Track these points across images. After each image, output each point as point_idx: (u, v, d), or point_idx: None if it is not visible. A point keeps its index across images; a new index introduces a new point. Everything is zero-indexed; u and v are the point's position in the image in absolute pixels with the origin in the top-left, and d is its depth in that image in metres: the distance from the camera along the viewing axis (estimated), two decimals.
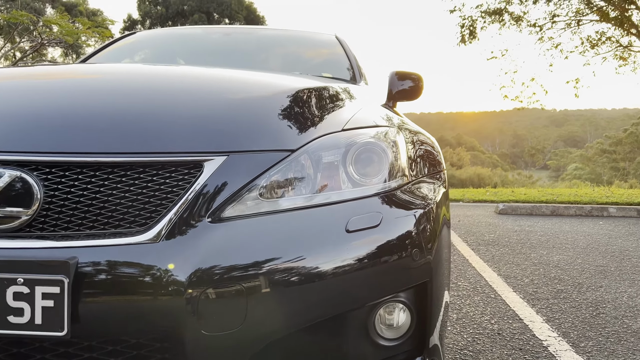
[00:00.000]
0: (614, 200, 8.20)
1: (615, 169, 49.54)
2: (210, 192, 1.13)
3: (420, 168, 1.56)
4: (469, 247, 4.69)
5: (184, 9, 28.22)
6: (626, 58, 12.13)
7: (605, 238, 5.23)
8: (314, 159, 1.26)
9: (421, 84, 2.85)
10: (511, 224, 6.09)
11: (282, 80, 1.94)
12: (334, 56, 3.13)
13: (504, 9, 11.77)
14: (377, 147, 1.35)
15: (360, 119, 1.49)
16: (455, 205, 7.88)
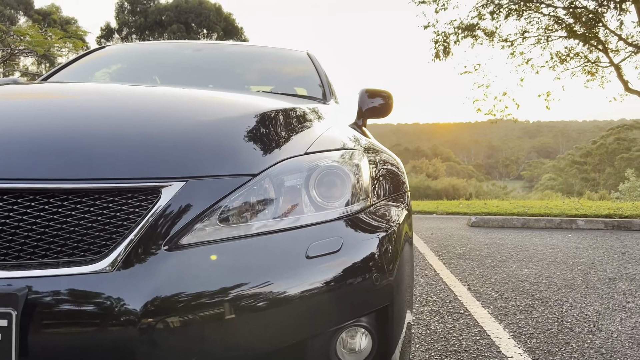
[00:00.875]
0: (582, 212, 8.39)
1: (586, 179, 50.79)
2: (168, 219, 1.11)
3: (384, 190, 1.57)
4: (441, 260, 4.73)
5: (163, 19, 28.07)
6: (594, 73, 12.52)
7: (573, 251, 5.34)
8: (276, 183, 1.25)
9: (391, 102, 2.88)
10: (483, 236, 6.18)
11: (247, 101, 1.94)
12: (304, 73, 3.14)
13: (477, 25, 12.03)
14: (339, 171, 1.35)
15: (324, 141, 1.49)
16: (429, 218, 7.95)
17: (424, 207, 8.87)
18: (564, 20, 11.68)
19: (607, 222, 7.10)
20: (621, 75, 11.74)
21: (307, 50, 3.40)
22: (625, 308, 3.31)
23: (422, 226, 6.99)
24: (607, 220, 7.19)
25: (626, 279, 4.13)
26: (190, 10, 27.88)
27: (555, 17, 11.80)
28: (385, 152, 1.90)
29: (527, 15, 11.88)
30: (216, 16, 28.30)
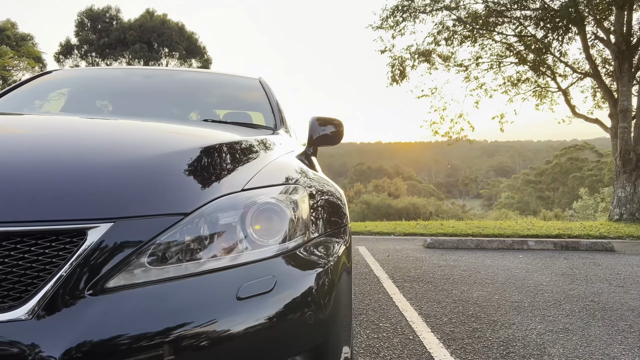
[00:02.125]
0: (534, 232, 8.68)
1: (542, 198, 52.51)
2: (93, 262, 1.09)
3: (324, 224, 1.57)
4: (395, 284, 4.78)
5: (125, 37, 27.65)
6: (544, 97, 13.09)
7: (522, 272, 5.50)
8: (210, 221, 1.24)
9: (341, 129, 2.92)
10: (437, 258, 6.28)
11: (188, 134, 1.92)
12: (255, 101, 3.14)
13: (433, 50, 12.42)
14: (277, 208, 1.35)
15: (265, 176, 1.49)
16: (386, 239, 8.04)
17: (382, 229, 8.96)
18: (514, 47, 12.21)
19: (556, 243, 7.35)
20: (568, 100, 12.32)
21: (260, 77, 3.41)
22: (567, 330, 3.42)
23: (379, 248, 7.05)
24: (556, 241, 7.45)
25: (570, 300, 4.27)
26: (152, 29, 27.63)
27: (507, 44, 12.33)
28: (328, 183, 1.92)
29: (481, 41, 12.37)
30: (178, 36, 28.12)
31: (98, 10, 27.71)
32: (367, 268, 5.53)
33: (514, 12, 11.72)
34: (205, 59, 29.85)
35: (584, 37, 11.20)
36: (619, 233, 8.96)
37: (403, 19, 12.08)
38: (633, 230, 9.19)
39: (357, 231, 8.79)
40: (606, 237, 8.51)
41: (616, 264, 6.15)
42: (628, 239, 8.62)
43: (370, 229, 8.92)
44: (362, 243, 7.45)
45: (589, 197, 31.92)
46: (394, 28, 12.20)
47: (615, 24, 10.73)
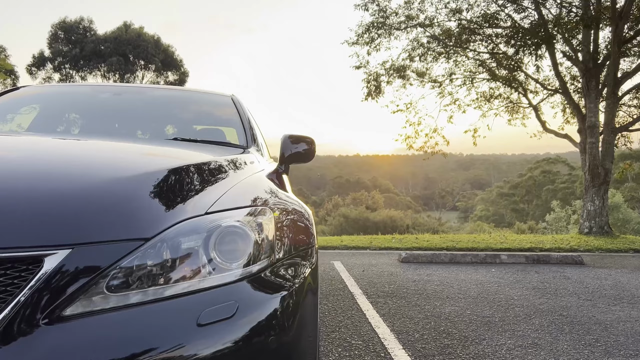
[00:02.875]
0: (507, 245, 8.81)
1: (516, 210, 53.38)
2: (50, 290, 1.07)
3: (289, 246, 1.57)
4: (369, 299, 4.79)
5: (101, 49, 27.33)
6: (516, 112, 13.40)
7: (494, 286, 5.57)
8: (172, 246, 1.22)
9: (313, 147, 2.94)
10: (411, 273, 6.32)
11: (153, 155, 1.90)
12: (227, 118, 3.13)
13: (407, 66, 12.63)
14: (240, 231, 1.34)
15: (230, 198, 1.48)
16: (362, 254, 8.06)
17: (359, 243, 8.99)
18: (487, 64, 12.49)
19: (528, 256, 7.48)
20: (539, 116, 12.62)
21: (233, 94, 3.41)
22: (536, 345, 3.48)
23: (355, 263, 7.07)
24: (528, 255, 7.58)
25: (540, 315, 4.34)
26: (128, 41, 27.41)
27: (480, 61, 12.61)
28: (296, 203, 1.92)
29: (454, 58, 12.62)
30: (155, 48, 27.95)
31: (71, 22, 27.39)
32: (342, 284, 5.54)
33: (486, 30, 12.01)
34: (182, 71, 29.71)
35: (553, 55, 11.53)
36: (589, 246, 9.17)
37: (378, 35, 12.28)
38: (602, 244, 9.41)
39: (333, 245, 8.80)
40: (576, 251, 8.70)
41: (585, 277, 6.28)
42: (597, 252, 8.82)
43: (346, 244, 8.94)
44: (338, 258, 7.45)
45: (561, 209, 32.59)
46: (369, 44, 12.39)
47: (583, 43, 11.08)
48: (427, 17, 12.38)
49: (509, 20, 11.88)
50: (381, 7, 12.22)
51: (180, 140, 2.57)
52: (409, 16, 12.31)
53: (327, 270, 6.35)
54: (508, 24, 11.85)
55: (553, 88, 12.68)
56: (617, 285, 5.76)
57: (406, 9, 12.36)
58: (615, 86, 11.12)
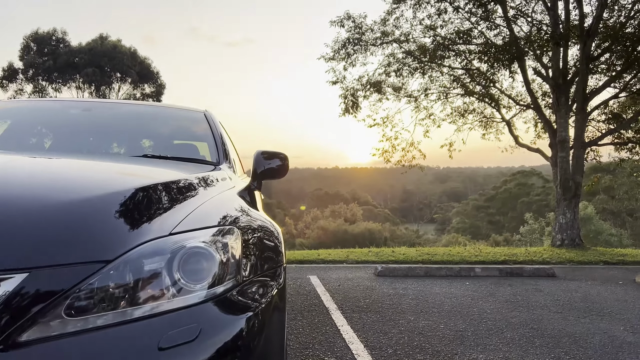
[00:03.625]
0: (481, 258, 8.92)
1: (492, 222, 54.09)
2: (6, 315, 1.05)
3: (257, 266, 1.56)
4: (343, 315, 4.79)
5: (75, 61, 26.94)
6: (489, 127, 13.67)
7: (468, 300, 5.63)
8: (134, 268, 1.21)
9: (287, 163, 2.95)
10: (387, 287, 6.35)
11: (120, 173, 1.89)
12: (199, 135, 3.12)
13: (383, 81, 12.80)
14: (205, 252, 1.32)
15: (197, 218, 1.46)
16: (339, 268, 8.06)
17: (335, 256, 8.99)
18: (461, 79, 12.75)
19: (501, 269, 7.58)
20: (512, 130, 12.90)
21: (205, 110, 3.39)
22: (507, 359, 3.52)
23: (331, 277, 7.06)
24: (501, 267, 7.68)
25: (512, 328, 4.40)
26: (104, 53, 27.11)
27: (454, 77, 12.86)
28: (266, 221, 1.92)
29: (429, 73, 12.85)
30: (131, 60, 27.71)
31: (43, 34, 27.01)
32: (317, 299, 5.53)
33: (459, 46, 12.27)
34: (159, 84, 29.49)
35: (524, 72, 11.83)
36: (561, 258, 9.34)
37: (354, 51, 12.45)
38: (573, 256, 9.60)
39: (310, 259, 8.78)
40: (549, 263, 8.86)
41: (557, 289, 6.40)
42: (569, 264, 9.00)
43: (323, 257, 8.93)
44: (315, 272, 7.44)
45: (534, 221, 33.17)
46: (346, 60, 12.55)
47: (553, 60, 11.40)
48: (403, 33, 12.61)
49: (482, 37, 12.17)
50: (357, 23, 12.41)
51: (149, 157, 2.55)
52: (384, 32, 12.51)
53: (302, 285, 6.34)
54: (481, 40, 12.14)
55: (525, 103, 12.99)
56: (586, 298, 5.88)
57: (382, 25, 12.56)
58: (584, 102, 11.45)
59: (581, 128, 11.45)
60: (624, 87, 12.10)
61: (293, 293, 5.83)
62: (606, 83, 11.85)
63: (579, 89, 11.33)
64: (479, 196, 60.82)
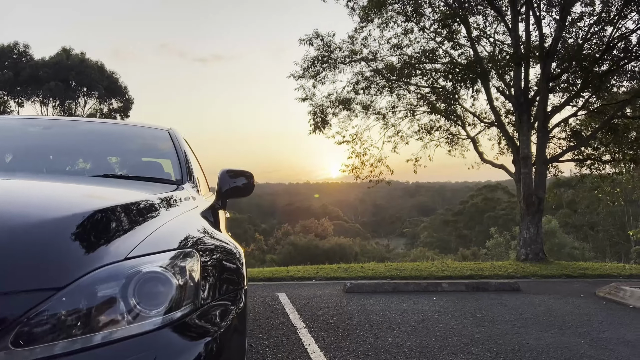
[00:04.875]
0: (448, 273, 9.04)
1: (460, 236, 54.89)
2: None
3: (216, 289, 1.54)
4: (311, 333, 4.77)
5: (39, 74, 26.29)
6: (455, 143, 13.98)
7: (435, 315, 5.69)
8: (87, 295, 1.18)
9: (253, 181, 2.94)
10: (355, 303, 6.36)
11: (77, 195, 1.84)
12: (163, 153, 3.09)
13: (352, 99, 12.98)
14: (162, 277, 1.30)
15: (155, 241, 1.44)
16: (308, 285, 8.04)
17: (304, 273, 8.96)
18: (427, 97, 13.04)
19: (467, 284, 7.70)
20: (477, 147, 13.22)
21: (170, 128, 3.35)
22: None
23: (300, 294, 7.03)
24: (467, 282, 7.80)
25: (476, 344, 4.47)
26: (71, 67, 26.60)
27: (421, 95, 13.14)
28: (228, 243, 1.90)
29: (397, 91, 13.09)
30: (98, 74, 27.27)
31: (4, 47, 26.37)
32: (285, 317, 5.49)
33: (425, 65, 12.57)
34: (127, 98, 29.08)
35: (488, 90, 12.18)
36: (525, 272, 9.56)
37: (323, 69, 12.60)
38: (537, 270, 9.83)
39: (279, 277, 8.73)
40: (513, 277, 9.04)
41: (521, 304, 6.53)
42: (533, 278, 9.21)
43: (292, 274, 8.89)
44: (283, 290, 7.39)
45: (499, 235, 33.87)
46: (315, 77, 12.69)
47: (515, 79, 11.78)
48: (371, 51, 12.84)
49: (447, 57, 12.50)
50: (325, 42, 12.58)
51: (110, 177, 2.51)
52: (352, 51, 12.72)
53: (271, 303, 6.29)
54: (446, 60, 12.46)
55: (489, 121, 13.35)
56: (549, 312, 6.02)
57: (350, 43, 12.78)
58: (545, 120, 11.85)
59: (543, 145, 11.82)
60: (583, 105, 12.58)
61: (261, 312, 5.78)
62: (566, 101, 12.30)
63: (540, 107, 11.72)
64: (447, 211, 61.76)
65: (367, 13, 12.32)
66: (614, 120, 12.10)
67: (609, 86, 12.34)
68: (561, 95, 12.53)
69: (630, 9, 11.03)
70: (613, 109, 12.16)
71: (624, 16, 11.25)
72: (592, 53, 11.63)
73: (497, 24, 12.58)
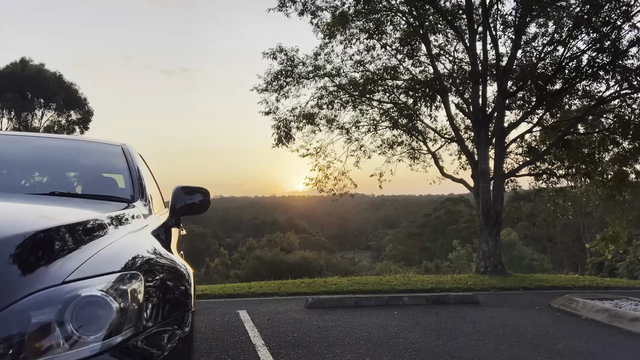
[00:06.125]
0: (410, 287, 9.13)
1: (424, 249, 55.63)
2: None
3: (161, 312, 1.51)
4: (270, 351, 4.72)
5: None
6: (417, 158, 14.23)
7: (395, 330, 5.73)
8: (22, 321, 1.15)
9: (208, 197, 2.91)
10: (317, 319, 6.34)
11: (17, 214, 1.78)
12: (115, 169, 3.03)
13: (316, 113, 13.07)
14: (101, 301, 1.27)
15: (96, 263, 1.41)
16: (270, 301, 7.96)
17: (267, 289, 8.88)
18: (389, 113, 13.26)
19: (428, 298, 7.79)
20: (437, 162, 13.49)
21: (124, 144, 3.29)
22: None
23: (261, 311, 6.96)
24: (428, 296, 7.90)
25: (435, 358, 4.52)
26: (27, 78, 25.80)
27: (383, 110, 13.36)
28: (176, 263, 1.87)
29: (360, 107, 13.28)
30: (56, 86, 26.52)
31: None
32: (244, 335, 5.42)
33: (387, 82, 12.79)
34: (86, 110, 28.36)
35: (447, 106, 12.49)
36: (484, 285, 9.75)
37: (287, 83, 12.67)
38: (495, 282, 10.05)
39: (241, 293, 8.62)
40: (473, 290, 9.20)
41: (479, 316, 6.65)
42: (491, 290, 9.40)
43: (254, 290, 8.79)
44: (244, 306, 7.30)
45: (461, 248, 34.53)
46: (278, 91, 12.73)
47: (473, 96, 12.12)
48: (334, 67, 12.99)
49: (408, 74, 12.77)
50: (289, 56, 12.67)
51: (57, 196, 2.44)
52: (316, 66, 12.84)
53: (230, 321, 6.19)
54: (407, 76, 12.73)
55: (450, 137, 13.66)
56: (506, 324, 6.15)
57: (314, 59, 12.89)
58: (503, 136, 12.21)
59: (500, 160, 12.16)
60: (538, 122, 13.03)
61: (220, 330, 5.69)
62: (522, 118, 12.71)
63: (498, 123, 12.07)
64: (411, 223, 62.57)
65: (331, 30, 12.49)
66: (567, 137, 12.58)
67: (562, 104, 12.84)
68: (517, 112, 12.94)
69: (580, 31, 11.54)
70: (566, 126, 12.65)
71: (574, 37, 11.76)
72: (545, 72, 12.09)
73: (456, 43, 12.94)
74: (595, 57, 11.56)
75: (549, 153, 13.00)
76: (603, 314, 6.49)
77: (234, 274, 36.96)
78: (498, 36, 12.10)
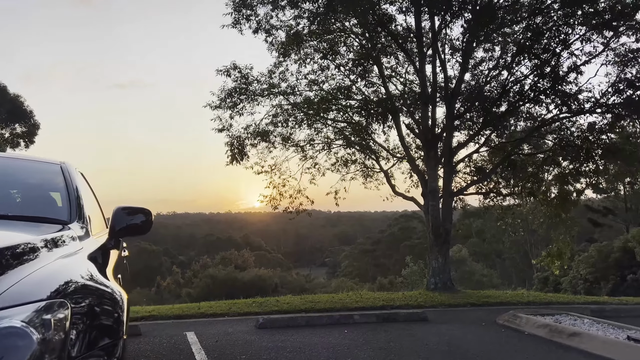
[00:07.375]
0: (362, 304, 9.19)
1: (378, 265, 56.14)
2: None
3: (90, 342, 1.48)
4: None
5: None
6: (370, 176, 14.46)
7: (345, 349, 5.74)
8: None
9: (151, 218, 2.86)
10: (267, 340, 6.27)
11: None
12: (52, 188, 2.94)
13: (271, 131, 13.09)
14: (21, 332, 1.23)
15: (19, 291, 1.35)
16: (219, 321, 7.82)
17: (217, 309, 8.72)
18: (343, 131, 13.45)
19: (378, 315, 7.87)
20: (389, 180, 13.74)
21: (63, 162, 3.18)
22: None
23: (210, 332, 6.82)
24: (378, 313, 7.98)
25: None
26: None
27: (337, 129, 13.53)
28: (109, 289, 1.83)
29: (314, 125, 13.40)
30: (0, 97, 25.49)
31: None
32: (190, 358, 5.30)
33: (341, 101, 13.00)
34: (32, 123, 27.27)
35: (398, 126, 12.80)
36: (434, 302, 9.94)
37: (241, 100, 12.64)
38: (445, 299, 10.26)
39: (189, 314, 8.42)
40: (422, 307, 9.36)
41: (427, 333, 6.77)
42: (440, 307, 9.59)
43: (204, 311, 8.61)
44: (193, 327, 7.14)
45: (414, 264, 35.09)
46: (232, 108, 12.69)
47: (423, 117, 12.49)
48: (289, 85, 13.08)
49: (361, 94, 13.03)
50: (243, 74, 12.67)
51: None
52: (271, 84, 12.90)
53: (177, 343, 6.04)
54: (360, 97, 12.98)
55: (401, 155, 13.97)
56: (452, 341, 6.29)
57: (268, 77, 12.95)
58: (451, 155, 12.60)
59: (449, 179, 12.52)
60: (485, 142, 13.53)
61: (165, 352, 5.54)
62: (469, 138, 13.18)
63: (447, 143, 12.46)
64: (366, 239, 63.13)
65: (286, 49, 12.60)
66: (513, 157, 13.12)
67: (507, 125, 13.40)
68: (465, 133, 13.41)
69: (522, 57, 12.14)
70: (511, 146, 13.19)
71: (518, 62, 12.36)
72: (491, 95, 12.61)
73: (407, 65, 13.33)
74: (537, 81, 12.18)
75: (495, 172, 13.50)
76: (544, 330, 6.74)
77: (186, 293, 36.07)
78: (447, 60, 12.57)
